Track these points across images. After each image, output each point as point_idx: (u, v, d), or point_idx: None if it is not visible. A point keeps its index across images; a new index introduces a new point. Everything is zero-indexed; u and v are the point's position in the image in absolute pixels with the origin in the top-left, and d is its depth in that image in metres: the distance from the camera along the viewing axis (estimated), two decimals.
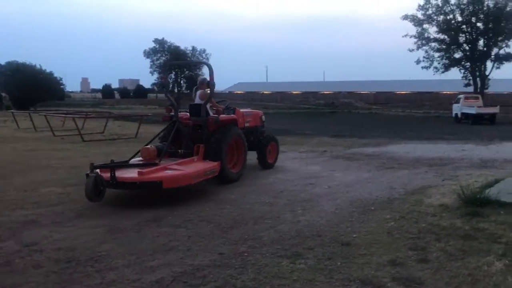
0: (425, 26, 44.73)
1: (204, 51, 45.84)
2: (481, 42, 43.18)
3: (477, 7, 42.03)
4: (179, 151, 8.74)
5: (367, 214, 6.52)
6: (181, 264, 4.65)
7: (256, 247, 5.15)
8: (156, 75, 45.12)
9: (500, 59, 42.78)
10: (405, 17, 44.94)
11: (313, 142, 17.24)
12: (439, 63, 44.73)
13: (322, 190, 8.18)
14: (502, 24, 40.56)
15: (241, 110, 10.49)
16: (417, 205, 6.94)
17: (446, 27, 43.23)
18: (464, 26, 43.34)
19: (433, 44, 44.83)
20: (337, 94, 70.01)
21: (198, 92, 9.66)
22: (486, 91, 43.45)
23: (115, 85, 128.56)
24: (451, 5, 43.40)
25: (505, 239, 5.18)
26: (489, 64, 43.22)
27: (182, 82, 45.65)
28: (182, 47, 45.43)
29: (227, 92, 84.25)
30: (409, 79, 75.98)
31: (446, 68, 44.60)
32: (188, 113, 9.39)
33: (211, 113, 9.28)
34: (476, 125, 28.90)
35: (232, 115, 9.85)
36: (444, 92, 60.02)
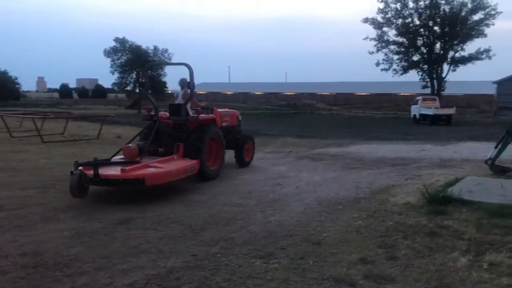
0: (385, 29, 45.76)
1: (166, 50, 45.22)
2: (438, 46, 44.53)
3: (434, 12, 43.38)
4: (159, 149, 8.92)
5: (336, 214, 6.65)
6: (153, 266, 4.60)
7: (229, 248, 5.16)
8: (117, 75, 44.14)
9: (455, 62, 44.28)
10: (366, 20, 45.87)
11: (278, 143, 17.38)
12: (398, 66, 45.81)
13: (290, 190, 8.27)
14: (457, 28, 42.02)
15: (219, 110, 10.76)
16: (383, 204, 7.13)
17: (404, 30, 44.38)
18: (421, 30, 44.63)
19: (392, 47, 45.90)
20: (299, 95, 70.72)
21: (181, 93, 9.92)
22: (442, 92, 44.86)
23: (72, 84, 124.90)
24: (410, 9, 44.63)
25: (468, 236, 5.40)
26: (445, 66, 44.73)
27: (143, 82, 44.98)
28: (144, 47, 44.64)
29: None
30: (368, 81, 77.72)
31: (405, 70, 45.77)
32: (167, 113, 9.67)
33: (190, 113, 9.57)
34: (433, 126, 29.84)
35: (210, 114, 10.08)
36: (402, 94, 61.62)
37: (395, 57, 45.84)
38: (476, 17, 42.63)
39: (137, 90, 45.64)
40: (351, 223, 6.16)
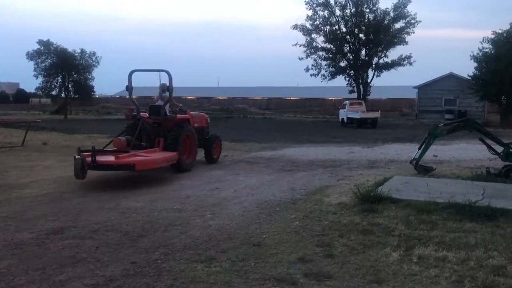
0: (313, 36, 47.28)
1: (94, 53, 43.51)
2: (363, 52, 46.68)
3: (359, 20, 45.41)
4: (142, 143, 10.46)
5: (274, 215, 6.78)
6: (92, 276, 4.46)
7: (169, 254, 5.11)
8: (41, 79, 41.87)
9: (380, 68, 46.61)
10: (295, 27, 47.12)
11: None
12: (326, 71, 47.45)
13: (228, 194, 8.31)
14: (381, 36, 44.26)
15: (191, 112, 12.46)
16: (318, 204, 7.37)
17: (332, 37, 46.05)
18: (348, 37, 46.54)
19: (320, 53, 47.46)
20: (231, 100, 71.00)
21: (162, 96, 11.65)
22: (368, 97, 47.01)
23: None
24: (337, 16, 46.41)
25: (398, 232, 5.73)
26: (370, 72, 46.92)
27: (70, 86, 42.85)
28: (70, 49, 42.70)
29: (118, 96, 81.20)
30: (298, 86, 79.66)
31: (333, 75, 47.46)
32: (147, 113, 11.20)
33: (168, 114, 11.17)
34: (360, 129, 31.18)
35: (185, 115, 11.72)
36: (331, 98, 63.76)
37: (324, 63, 47.49)
38: (398, 25, 45.28)
39: (63, 95, 43.61)
40: (289, 223, 6.32)
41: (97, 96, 70.05)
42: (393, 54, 46.34)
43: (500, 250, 5.01)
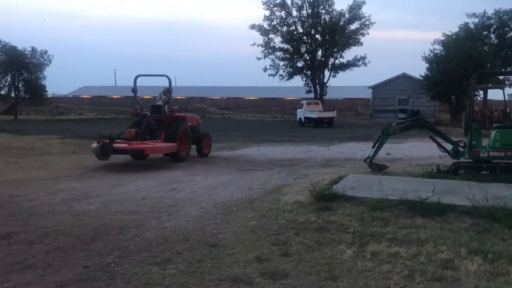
0: (271, 36, 47.59)
1: (46, 52, 41.93)
2: (319, 53, 47.42)
3: (315, 20, 46.07)
4: (147, 136, 12.41)
5: (231, 215, 6.77)
6: (41, 282, 4.31)
7: (123, 257, 5.00)
8: None
9: (336, 68, 47.50)
10: (253, 27, 47.27)
11: None
12: (284, 71, 47.90)
13: (185, 195, 8.23)
14: (336, 37, 45.12)
15: (185, 113, 14.57)
16: (275, 203, 7.41)
17: (289, 37, 46.49)
18: (305, 38, 47.15)
19: (278, 53, 47.83)
20: (189, 99, 70.36)
21: (163, 97, 13.89)
22: (324, 97, 47.77)
23: None
24: (293, 17, 46.90)
25: (352, 229, 5.84)
26: (326, 72, 47.72)
27: (20, 85, 41.18)
28: (20, 48, 41.01)
29: (72, 96, 78.87)
30: (257, 86, 79.91)
31: (290, 76, 47.96)
32: (148, 112, 13.20)
33: (166, 112, 13.25)
34: (317, 128, 31.66)
35: (182, 113, 13.95)
36: (289, 98, 64.38)
37: (281, 63, 47.87)
38: (353, 26, 46.28)
39: (13, 95, 41.86)
40: (246, 223, 6.32)
41: (49, 96, 67.70)
42: (349, 55, 47.28)
43: (448, 244, 5.20)
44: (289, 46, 47.05)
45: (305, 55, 47.37)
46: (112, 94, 77.66)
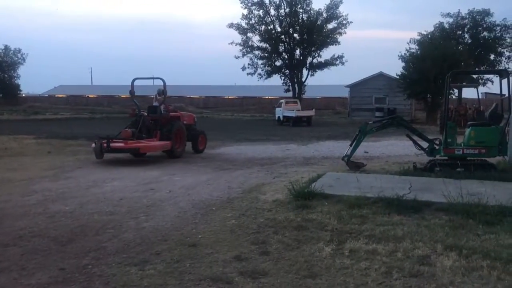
0: (249, 35, 47.60)
1: (19, 50, 41.30)
2: (298, 52, 47.66)
3: (293, 19, 46.29)
4: (143, 135, 13.34)
5: (210, 215, 6.74)
6: (15, 285, 4.22)
7: (101, 258, 4.93)
8: None
9: (314, 67, 47.80)
10: (231, 25, 47.22)
11: None
12: (262, 70, 48.00)
13: (164, 195, 8.16)
14: (314, 36, 45.40)
15: (181, 112, 15.54)
16: (254, 202, 7.42)
17: (267, 36, 46.60)
18: (283, 36, 47.31)
19: (256, 52, 47.91)
20: (168, 98, 69.83)
21: (158, 98, 14.69)
22: (303, 96, 48.05)
23: None
24: (272, 16, 47.03)
25: (330, 227, 5.89)
26: (305, 71, 47.99)
27: None
28: None
29: (47, 95, 77.43)
30: (236, 85, 79.81)
31: (269, 74, 48.07)
32: (145, 112, 14.07)
33: (162, 112, 14.01)
34: (296, 127, 31.80)
35: (176, 113, 14.78)
36: (267, 97, 64.46)
37: (260, 62, 47.95)
38: (330, 26, 46.63)
39: None
40: (225, 222, 6.30)
41: (24, 95, 66.41)
42: (326, 54, 47.67)
43: (425, 240, 5.28)
44: (267, 45, 47.17)
45: (283, 54, 47.56)
46: (88, 93, 76.54)
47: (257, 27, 47.28)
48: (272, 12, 46.73)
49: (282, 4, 46.03)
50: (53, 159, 13.14)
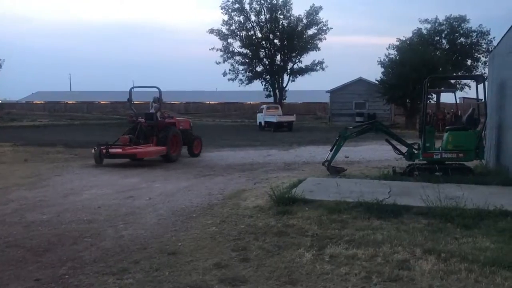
0: (230, 40, 47.66)
1: None
2: (278, 57, 47.89)
3: (274, 25, 46.53)
4: (140, 141, 14.08)
5: (190, 222, 6.68)
6: None
7: (78, 268, 4.83)
8: None
9: (294, 73, 48.09)
10: (211, 31, 47.22)
11: None
12: (243, 76, 48.06)
13: (143, 202, 8.06)
14: (295, 42, 45.70)
15: (177, 118, 16.51)
16: (235, 209, 7.38)
17: (248, 42, 46.72)
18: (263, 42, 47.50)
19: (237, 58, 47.99)
20: (148, 104, 69.37)
21: (154, 105, 15.47)
22: (284, 101, 48.25)
23: None
24: (252, 22, 47.18)
25: (311, 232, 5.89)
26: (285, 77, 48.22)
27: None
28: None
29: (24, 102, 76.13)
30: (217, 90, 79.73)
31: (250, 80, 48.18)
32: (142, 119, 14.77)
33: (158, 118, 14.75)
34: (277, 132, 31.85)
35: (172, 120, 15.68)
36: (248, 103, 64.56)
37: (240, 67, 48.02)
38: (310, 31, 47.00)
39: None
40: (205, 229, 6.25)
41: (0, 101, 65.17)
42: (307, 59, 48.15)
43: (404, 245, 5.31)
44: (248, 51, 47.29)
45: (264, 59, 47.75)
46: (67, 100, 75.53)
47: (238, 33, 47.41)
48: (253, 18, 46.98)
49: (263, 10, 46.26)
50: (30, 166, 12.90)
